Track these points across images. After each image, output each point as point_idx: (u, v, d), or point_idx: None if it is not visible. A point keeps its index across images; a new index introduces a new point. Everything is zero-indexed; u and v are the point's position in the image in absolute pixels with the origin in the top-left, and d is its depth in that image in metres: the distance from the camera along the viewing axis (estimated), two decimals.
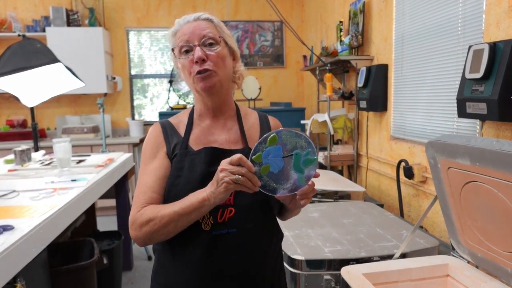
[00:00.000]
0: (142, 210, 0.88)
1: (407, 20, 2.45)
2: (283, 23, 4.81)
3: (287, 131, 0.80)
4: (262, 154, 0.79)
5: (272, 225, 0.99)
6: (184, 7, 4.65)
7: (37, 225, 1.26)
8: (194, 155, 0.93)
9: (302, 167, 0.82)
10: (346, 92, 3.19)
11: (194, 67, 0.91)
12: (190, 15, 0.95)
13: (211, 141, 0.96)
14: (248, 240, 0.92)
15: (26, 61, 2.15)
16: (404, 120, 2.52)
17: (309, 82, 4.74)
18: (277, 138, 0.80)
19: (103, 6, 4.41)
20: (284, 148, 0.80)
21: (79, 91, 3.27)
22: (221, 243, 0.90)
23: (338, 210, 1.97)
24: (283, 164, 0.81)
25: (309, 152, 0.82)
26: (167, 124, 0.99)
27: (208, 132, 0.98)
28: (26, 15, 4.30)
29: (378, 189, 2.89)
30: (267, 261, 0.97)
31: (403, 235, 1.59)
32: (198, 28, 0.92)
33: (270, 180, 0.81)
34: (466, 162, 1.02)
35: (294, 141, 0.81)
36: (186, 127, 0.98)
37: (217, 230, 0.89)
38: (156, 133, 0.98)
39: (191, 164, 0.91)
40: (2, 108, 4.37)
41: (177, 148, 0.95)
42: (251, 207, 0.91)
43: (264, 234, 0.96)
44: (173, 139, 0.96)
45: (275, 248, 1.01)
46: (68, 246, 1.93)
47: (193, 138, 0.96)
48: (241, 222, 0.90)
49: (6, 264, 1.07)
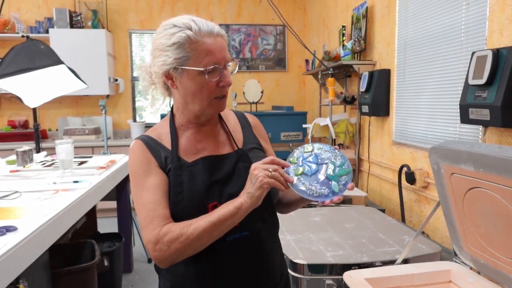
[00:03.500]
0: (167, 227, 0.82)
1: (410, 26, 2.46)
2: (285, 27, 4.82)
3: (322, 145, 0.89)
4: (298, 158, 0.86)
5: (274, 218, 1.00)
6: (187, 10, 4.67)
7: (39, 227, 1.26)
8: (190, 166, 0.89)
9: (336, 175, 0.86)
10: (348, 96, 3.19)
11: (217, 90, 0.87)
12: (212, 26, 0.87)
13: (201, 149, 0.93)
14: (260, 240, 0.92)
15: (29, 62, 2.16)
16: (406, 125, 2.53)
17: (311, 86, 4.74)
18: (313, 148, 0.88)
19: (106, 8, 4.43)
20: (319, 157, 0.87)
21: (81, 92, 3.27)
22: (236, 248, 0.89)
23: (340, 215, 1.96)
24: (316, 169, 0.85)
25: (343, 163, 0.87)
26: (148, 138, 0.92)
27: (195, 140, 0.94)
28: (29, 16, 4.32)
29: (379, 194, 2.88)
30: (275, 255, 0.98)
31: (405, 241, 1.58)
32: (223, 49, 0.87)
33: (302, 180, 0.85)
34: (470, 168, 1.02)
35: (327, 154, 0.88)
36: (170, 138, 0.92)
37: (230, 236, 0.87)
38: (141, 150, 0.90)
39: (190, 177, 0.87)
40: (4, 108, 4.38)
41: (168, 161, 0.89)
42: (258, 207, 0.88)
43: (271, 230, 0.97)
44: (161, 153, 0.90)
45: (278, 240, 1.03)
46: (69, 248, 1.92)
47: (182, 149, 0.92)
48: (251, 223, 0.90)
49: (9, 265, 1.06)
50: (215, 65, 0.85)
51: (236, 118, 1.03)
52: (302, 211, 2.02)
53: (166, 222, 0.84)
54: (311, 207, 2.16)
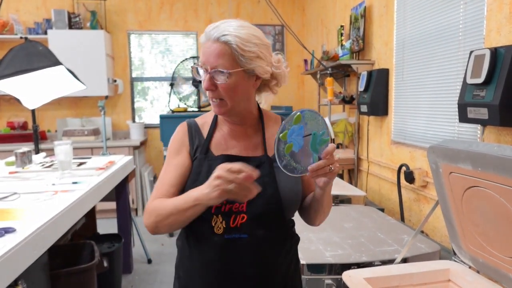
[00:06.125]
0: (157, 201, 0.91)
1: (408, 25, 2.46)
2: (284, 27, 4.82)
3: (309, 111, 0.84)
4: (288, 133, 0.82)
5: (285, 231, 1.00)
6: (186, 11, 4.67)
7: (38, 228, 1.26)
8: (212, 160, 0.95)
9: (318, 147, 0.84)
10: (347, 96, 3.20)
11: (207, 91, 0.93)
12: (213, 31, 0.90)
13: (230, 147, 0.98)
14: (259, 246, 0.93)
15: (28, 64, 2.15)
16: (405, 124, 2.53)
17: (309, 86, 4.75)
18: (301, 118, 0.83)
19: (105, 9, 4.42)
20: (305, 128, 0.83)
21: (80, 93, 3.27)
22: (233, 246, 0.92)
23: (339, 214, 1.97)
24: (303, 144, 0.83)
25: (324, 132, 0.85)
26: (193, 124, 1.02)
27: (229, 137, 1.00)
28: (28, 17, 4.32)
29: (378, 193, 2.89)
30: (280, 265, 0.98)
31: (404, 240, 1.59)
32: (212, 55, 0.89)
33: (291, 159, 0.83)
34: (468, 167, 1.03)
35: (313, 121, 0.84)
36: (209, 129, 1.00)
37: (229, 234, 0.92)
38: (183, 132, 1.01)
39: (208, 170, 0.92)
40: (3, 110, 4.37)
41: (198, 150, 0.98)
42: (263, 215, 0.93)
43: (276, 240, 0.97)
44: (196, 140, 0.99)
45: (289, 252, 1.01)
46: (69, 249, 1.92)
47: (214, 142, 0.99)
48: (253, 229, 0.92)
49: (7, 267, 1.06)
50: (202, 65, 0.91)
51: (279, 124, 1.03)
52: None
53: (162, 197, 0.92)
54: None
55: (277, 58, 0.98)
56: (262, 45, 0.93)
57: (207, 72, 0.90)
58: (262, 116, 1.02)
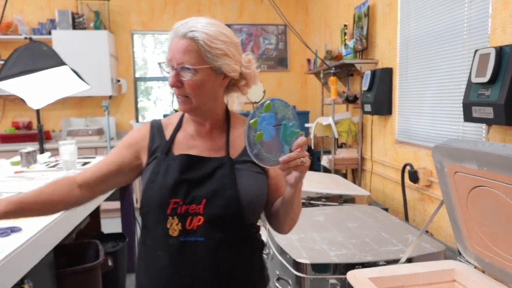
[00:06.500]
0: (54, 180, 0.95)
1: (412, 24, 2.45)
2: (287, 26, 4.82)
3: (279, 100, 0.82)
4: (258, 120, 0.80)
5: (245, 236, 0.95)
6: (189, 11, 4.67)
7: (44, 227, 1.27)
8: (170, 160, 0.93)
9: (288, 139, 0.83)
10: (351, 95, 3.19)
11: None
12: (181, 27, 0.89)
13: (192, 147, 0.96)
14: (216, 250, 0.89)
15: (32, 64, 2.16)
16: (409, 124, 2.52)
17: (312, 85, 4.74)
18: (271, 106, 0.81)
19: (108, 10, 4.44)
20: (276, 117, 0.82)
21: (84, 93, 3.29)
22: (189, 250, 0.89)
23: (343, 214, 1.96)
24: (273, 133, 0.82)
25: (294, 124, 0.83)
26: (156, 125, 1.01)
27: (191, 137, 0.98)
28: (32, 18, 4.34)
29: (382, 193, 2.88)
30: (239, 270, 0.94)
31: (409, 240, 1.58)
32: (179, 51, 0.88)
33: (262, 148, 0.81)
34: (473, 166, 1.02)
35: (283, 111, 0.83)
36: (173, 129, 0.99)
37: (185, 237, 0.88)
38: (143, 133, 1.00)
39: (166, 170, 0.92)
40: (8, 110, 4.40)
41: (158, 150, 0.96)
42: (221, 218, 0.89)
43: (235, 245, 0.92)
44: (157, 141, 0.98)
45: (250, 258, 0.97)
46: (74, 248, 1.93)
47: (177, 142, 0.97)
48: (209, 231, 0.88)
49: (14, 266, 1.07)
50: (168, 62, 0.90)
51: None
52: (305, 211, 2.02)
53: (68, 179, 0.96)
54: (314, 207, 2.16)
55: (247, 58, 0.97)
56: (230, 43, 0.91)
57: (173, 68, 0.89)
58: (229, 117, 1.00)
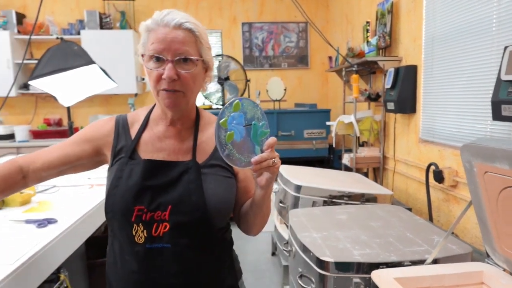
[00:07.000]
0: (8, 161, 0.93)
1: (438, 20, 2.40)
2: (307, 24, 4.80)
3: (247, 100, 0.80)
4: (228, 120, 0.78)
5: (213, 239, 0.92)
6: (211, 9, 4.72)
7: (78, 219, 1.33)
8: (133, 165, 0.88)
9: (259, 139, 0.81)
10: (373, 93, 3.15)
11: (162, 82, 0.84)
12: (172, 17, 0.84)
13: (159, 149, 0.91)
14: (183, 255, 0.87)
15: (64, 63, 2.25)
16: (434, 122, 2.47)
17: (333, 83, 4.70)
18: (240, 105, 0.79)
19: (133, 10, 4.54)
20: (245, 117, 0.80)
21: (111, 91, 3.37)
22: (155, 256, 0.86)
23: (366, 213, 1.95)
24: (244, 133, 0.80)
25: (264, 124, 0.81)
26: (122, 122, 0.95)
27: (158, 139, 0.92)
28: (62, 19, 4.50)
29: (405, 192, 2.84)
30: (208, 273, 0.91)
31: (434, 240, 1.56)
32: (176, 41, 0.82)
33: (233, 149, 0.79)
34: (505, 166, 1.00)
35: (252, 111, 0.80)
36: (138, 129, 0.93)
37: (151, 244, 0.85)
38: (107, 129, 0.94)
39: (129, 175, 0.87)
40: (40, 107, 4.58)
41: (123, 151, 0.91)
42: (186, 224, 0.86)
43: (203, 249, 0.90)
44: (121, 141, 0.93)
45: (219, 258, 0.94)
46: (102, 240, 2.00)
47: (143, 143, 0.92)
48: (176, 238, 0.86)
49: (52, 255, 1.13)
50: (157, 54, 0.83)
51: None
52: (327, 209, 2.02)
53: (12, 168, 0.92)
54: (336, 205, 2.16)
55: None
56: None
57: (168, 61, 0.82)
58: (198, 117, 0.95)
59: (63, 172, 0.96)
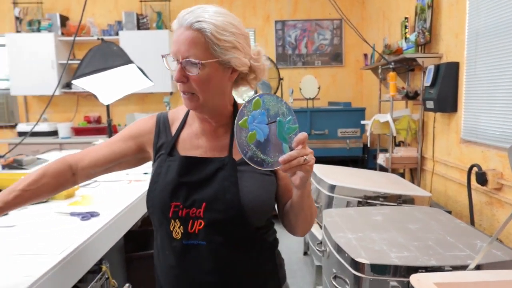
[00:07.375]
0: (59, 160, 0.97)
1: (483, 14, 2.27)
2: (342, 21, 4.71)
3: (269, 95, 0.75)
4: (248, 120, 0.74)
5: (251, 238, 0.90)
6: (245, 8, 4.75)
7: (118, 213, 1.38)
8: (171, 161, 0.90)
9: (286, 136, 0.75)
10: (411, 91, 3.04)
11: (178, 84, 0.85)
12: (187, 16, 0.82)
13: (196, 147, 0.92)
14: (219, 253, 0.87)
15: (104, 63, 2.35)
16: (477, 122, 2.35)
17: (368, 81, 4.59)
18: (261, 102, 0.74)
19: (169, 10, 4.66)
20: (268, 114, 0.75)
21: (147, 90, 3.48)
22: (192, 253, 0.87)
23: (403, 215, 1.89)
24: (268, 132, 0.75)
25: (291, 119, 0.76)
26: (163, 119, 0.97)
27: (196, 136, 0.93)
28: (102, 20, 4.70)
29: (444, 194, 2.72)
30: (246, 272, 0.90)
31: (477, 245, 1.49)
32: (184, 44, 0.81)
33: (257, 150, 0.74)
34: None
35: (276, 107, 0.75)
36: (178, 126, 0.95)
37: (187, 240, 0.86)
38: (149, 127, 0.97)
39: (166, 171, 0.89)
40: (81, 105, 4.83)
41: (163, 148, 0.93)
42: (221, 222, 0.85)
43: (239, 247, 0.89)
44: (163, 137, 0.94)
45: (258, 258, 0.92)
46: (139, 234, 2.07)
47: (181, 140, 0.93)
48: (210, 235, 0.86)
49: (95, 246, 1.19)
50: (172, 55, 0.84)
51: None
52: (362, 210, 1.98)
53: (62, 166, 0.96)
54: (371, 206, 2.11)
55: (256, 50, 0.90)
56: (240, 34, 0.84)
57: (178, 62, 0.82)
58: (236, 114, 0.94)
59: (109, 169, 0.99)
